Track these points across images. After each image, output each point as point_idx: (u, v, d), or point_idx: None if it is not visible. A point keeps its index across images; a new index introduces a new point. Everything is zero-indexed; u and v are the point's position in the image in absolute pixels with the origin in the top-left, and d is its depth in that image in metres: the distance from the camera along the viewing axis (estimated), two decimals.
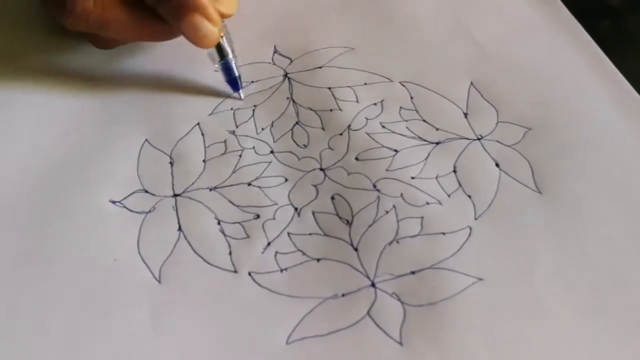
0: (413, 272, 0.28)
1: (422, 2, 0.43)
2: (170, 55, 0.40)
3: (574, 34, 0.40)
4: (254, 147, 0.34)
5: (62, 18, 0.35)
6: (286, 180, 0.33)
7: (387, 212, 0.31)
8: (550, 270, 0.28)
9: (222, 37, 0.36)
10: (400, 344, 0.26)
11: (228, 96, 0.37)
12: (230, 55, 0.36)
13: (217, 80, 0.38)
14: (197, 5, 0.34)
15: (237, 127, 0.36)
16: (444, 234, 0.30)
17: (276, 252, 0.30)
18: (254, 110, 0.36)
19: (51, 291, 0.29)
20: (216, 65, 0.37)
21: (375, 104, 0.36)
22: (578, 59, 0.38)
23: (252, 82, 0.38)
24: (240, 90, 0.37)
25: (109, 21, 0.35)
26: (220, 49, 0.36)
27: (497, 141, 0.34)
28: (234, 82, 0.37)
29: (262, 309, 0.28)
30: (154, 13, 0.35)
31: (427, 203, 0.31)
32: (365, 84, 0.37)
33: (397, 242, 0.30)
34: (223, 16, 0.36)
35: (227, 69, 0.37)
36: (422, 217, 0.31)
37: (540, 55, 0.39)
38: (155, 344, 0.27)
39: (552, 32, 0.40)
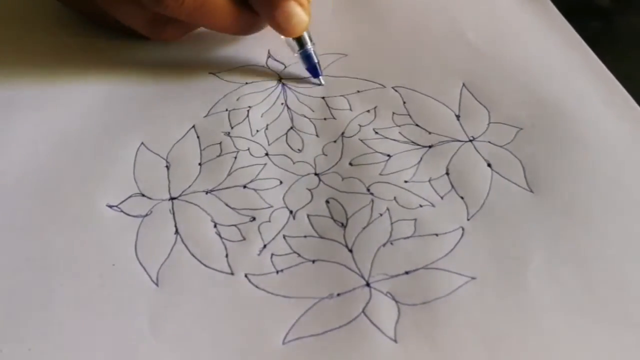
0: (407, 272, 0.29)
1: (415, 4, 0.43)
2: (164, 58, 0.40)
3: (565, 34, 0.41)
4: (248, 149, 0.35)
5: (154, 3, 0.34)
6: (281, 182, 0.33)
7: (381, 214, 0.31)
8: (543, 268, 0.29)
9: None
10: (395, 341, 0.27)
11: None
12: (309, 44, 0.37)
13: (215, 82, 0.38)
14: None
15: (232, 128, 0.36)
16: (437, 235, 0.30)
17: (272, 254, 0.30)
18: (248, 111, 0.37)
19: (50, 296, 0.29)
20: (295, 55, 0.38)
21: (368, 110, 0.37)
22: (569, 59, 0.39)
23: (247, 83, 0.39)
24: (321, 77, 0.38)
25: (204, 4, 0.34)
26: (299, 37, 0.37)
27: (489, 142, 0.34)
28: (313, 70, 0.38)
29: (259, 310, 0.28)
30: (244, 2, 0.36)
31: (420, 205, 0.32)
32: (359, 91, 0.38)
33: (391, 243, 0.30)
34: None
35: (307, 57, 0.38)
36: (415, 219, 0.31)
37: (532, 55, 0.39)
38: (153, 348, 0.27)
39: (543, 33, 0.41)
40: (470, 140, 0.34)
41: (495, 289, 0.28)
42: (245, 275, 0.29)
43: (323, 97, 0.38)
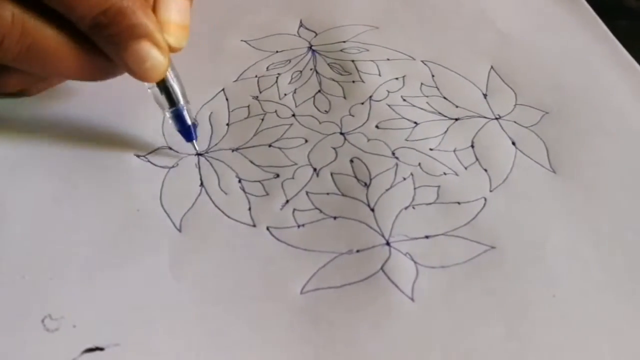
0: (427, 237, 0.29)
1: None
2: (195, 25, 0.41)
3: (595, 28, 0.41)
4: (276, 111, 0.35)
5: None
6: (306, 141, 0.33)
7: (404, 178, 0.31)
8: (561, 244, 0.29)
9: (169, 75, 0.31)
10: (412, 299, 0.27)
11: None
12: (182, 102, 0.31)
13: (246, 50, 0.39)
14: (144, 31, 0.29)
15: (260, 92, 0.36)
16: (459, 203, 0.30)
17: (294, 209, 0.30)
18: (277, 77, 0.37)
19: (75, 235, 0.29)
20: (167, 114, 0.32)
21: (397, 78, 0.37)
22: (597, 51, 0.39)
23: (277, 51, 0.39)
24: (195, 141, 0.33)
25: (30, 48, 0.28)
26: (169, 92, 0.31)
27: (515, 122, 0.34)
28: (186, 132, 0.32)
29: (279, 260, 0.28)
30: (89, 42, 0.29)
31: (444, 173, 0.32)
32: (388, 59, 0.38)
33: (413, 207, 0.30)
34: (171, 50, 0.31)
35: (177, 117, 0.32)
36: (438, 186, 0.31)
37: (560, 45, 0.40)
38: (173, 289, 0.27)
39: (572, 25, 0.41)
40: (497, 119, 0.35)
41: (514, 260, 0.28)
42: (267, 228, 0.30)
43: (353, 61, 0.38)
